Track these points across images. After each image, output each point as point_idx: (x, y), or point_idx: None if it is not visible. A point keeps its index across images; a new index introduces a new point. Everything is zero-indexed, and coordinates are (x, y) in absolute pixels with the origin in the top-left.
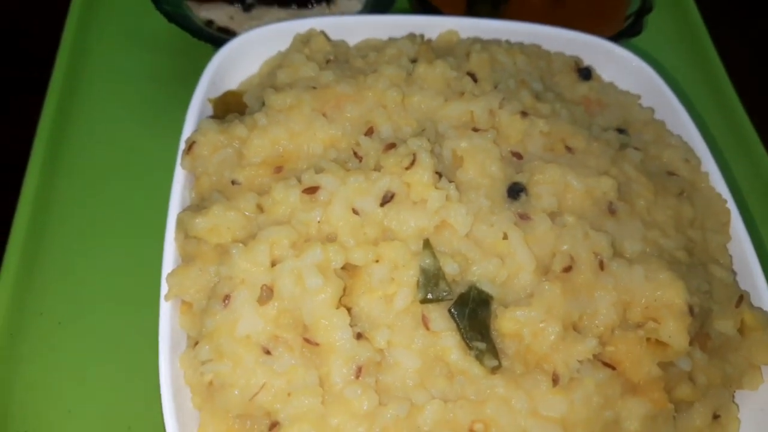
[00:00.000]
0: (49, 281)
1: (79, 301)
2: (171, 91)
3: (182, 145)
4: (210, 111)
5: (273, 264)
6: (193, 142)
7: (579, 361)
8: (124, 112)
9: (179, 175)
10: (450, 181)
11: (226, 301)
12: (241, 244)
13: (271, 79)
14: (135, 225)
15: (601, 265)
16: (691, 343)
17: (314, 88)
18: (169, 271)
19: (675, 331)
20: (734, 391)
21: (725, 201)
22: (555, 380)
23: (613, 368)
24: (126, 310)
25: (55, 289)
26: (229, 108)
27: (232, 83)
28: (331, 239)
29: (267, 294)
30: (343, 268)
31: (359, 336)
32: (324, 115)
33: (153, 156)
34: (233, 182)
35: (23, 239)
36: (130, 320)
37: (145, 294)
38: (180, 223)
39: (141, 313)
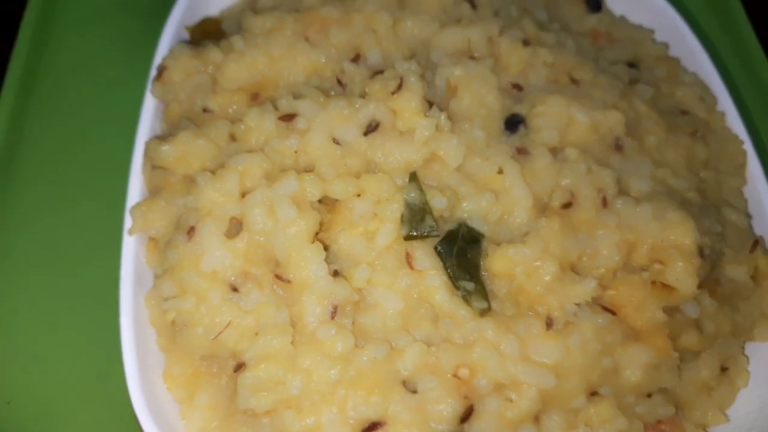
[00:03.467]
0: (17, 219)
1: (47, 239)
2: (148, 21)
3: (153, 72)
4: (188, 39)
5: (243, 195)
6: (164, 68)
7: (576, 305)
8: (97, 44)
9: (149, 103)
10: (441, 111)
11: (191, 233)
12: (209, 173)
13: (253, 4)
14: (104, 158)
15: (605, 203)
16: (699, 288)
17: (297, 10)
18: (134, 204)
19: (682, 274)
20: (744, 342)
21: (742, 142)
22: (549, 324)
23: (614, 313)
24: (94, 247)
25: (24, 229)
26: (208, 36)
27: (212, 10)
28: (308, 170)
29: (236, 227)
30: (321, 202)
31: (336, 274)
32: (307, 39)
33: (126, 88)
34: (205, 110)
35: None
36: (98, 259)
37: (113, 229)
38: (147, 153)
39: (109, 251)
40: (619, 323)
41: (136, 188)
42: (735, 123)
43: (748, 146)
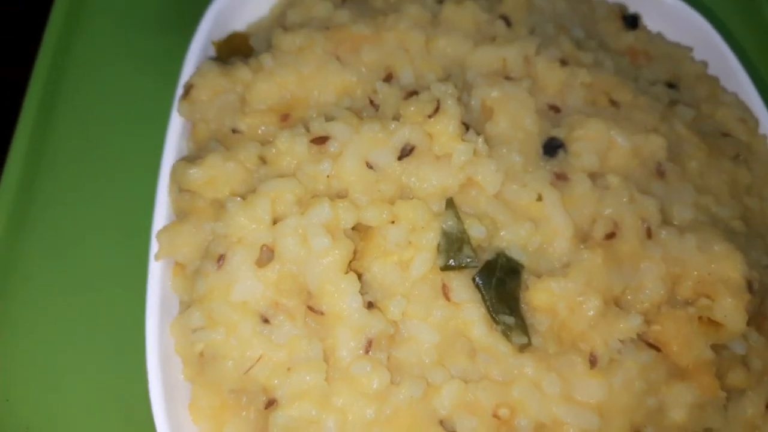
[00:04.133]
0: (38, 244)
1: (71, 261)
2: (174, 36)
3: (180, 90)
4: (214, 55)
5: (275, 222)
6: (191, 86)
7: (620, 341)
8: (123, 58)
9: (175, 123)
10: (478, 134)
11: (221, 262)
12: (239, 198)
13: (281, 20)
14: (129, 180)
15: (649, 233)
16: (747, 324)
17: (327, 28)
18: (160, 228)
19: (731, 310)
20: None
21: None
22: (592, 362)
23: (659, 349)
24: (118, 271)
25: (46, 254)
26: (235, 51)
27: (239, 24)
28: (341, 196)
29: (267, 255)
30: (354, 228)
31: (370, 305)
32: (338, 58)
33: (152, 105)
34: (234, 131)
35: (14, 193)
36: (122, 283)
37: (139, 253)
38: (174, 175)
39: (133, 276)
40: (663, 360)
41: (162, 211)
42: None
43: None
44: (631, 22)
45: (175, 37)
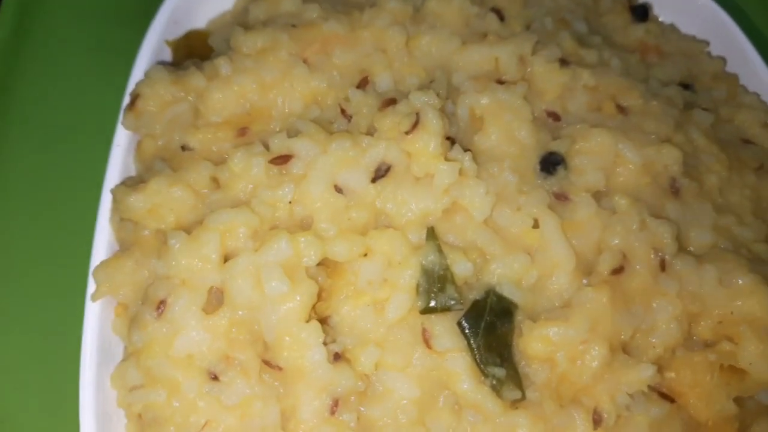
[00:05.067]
0: None
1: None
2: (132, 29)
3: (127, 99)
4: (170, 56)
5: (226, 259)
6: (138, 95)
7: (629, 394)
8: (76, 55)
9: (121, 138)
10: (465, 150)
11: (161, 308)
12: (183, 233)
13: (244, 17)
14: (70, 204)
15: (662, 265)
16: None
17: (294, 26)
18: (98, 263)
19: (757, 356)
20: None
21: None
22: (596, 420)
23: (673, 400)
24: (53, 313)
25: None
26: (193, 52)
27: (200, 21)
28: (305, 226)
29: (216, 299)
30: (320, 264)
31: (337, 357)
32: (305, 61)
33: (101, 112)
34: (184, 148)
35: None
36: (56, 327)
37: (76, 292)
38: (114, 203)
39: (72, 317)
40: (678, 413)
41: (103, 242)
42: None
43: None
44: (641, 13)
45: (133, 30)
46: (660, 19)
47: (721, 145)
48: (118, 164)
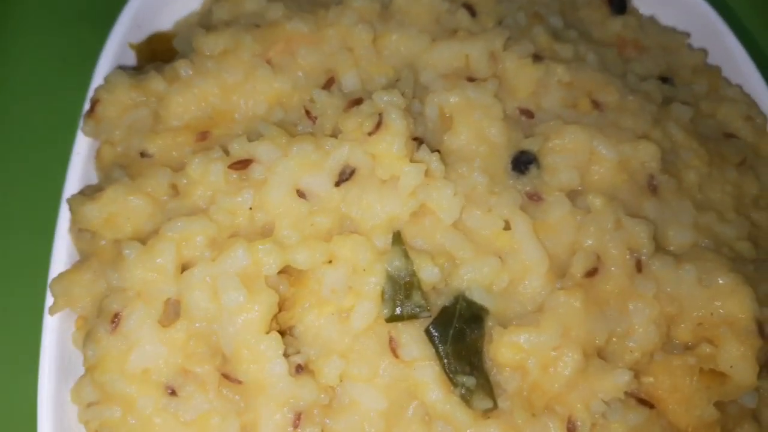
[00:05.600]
0: None
1: None
2: (87, 34)
3: (87, 105)
4: (134, 60)
5: (183, 269)
6: (97, 101)
7: (605, 402)
8: (38, 58)
9: (81, 144)
10: (433, 151)
11: (116, 322)
12: (138, 243)
13: (206, 18)
14: (27, 214)
15: (639, 266)
16: (759, 374)
17: (258, 26)
18: (56, 275)
19: (739, 359)
20: None
21: None
22: (571, 430)
23: (652, 406)
24: (9, 327)
25: None
26: (157, 56)
27: (166, 23)
28: (266, 233)
29: (173, 310)
30: (284, 272)
31: (300, 369)
32: (269, 62)
33: (62, 117)
34: (143, 154)
35: None
36: (19, 343)
37: (34, 305)
38: (72, 213)
39: (30, 331)
40: (657, 419)
41: (62, 253)
42: None
43: None
44: (619, 6)
45: (96, 32)
46: (639, 12)
47: (701, 140)
48: (77, 172)
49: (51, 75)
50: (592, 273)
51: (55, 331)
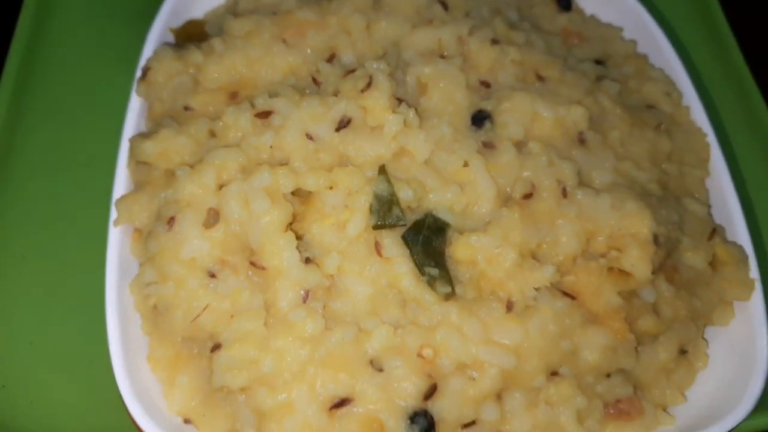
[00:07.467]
0: (11, 217)
1: (42, 235)
2: (134, 25)
3: (138, 73)
4: (173, 41)
5: (220, 187)
6: (149, 68)
7: (536, 289)
8: (87, 48)
9: (134, 102)
10: (410, 107)
11: (171, 224)
12: (187, 167)
13: (234, 8)
14: (94, 155)
15: (564, 193)
16: (655, 274)
17: (275, 14)
18: (119, 197)
19: (637, 260)
20: (704, 327)
21: (706, 135)
22: (509, 307)
23: (573, 297)
24: (84, 240)
25: (18, 225)
26: (191, 37)
27: (198, 12)
28: (283, 164)
29: (213, 217)
30: (295, 194)
31: (308, 261)
32: (284, 41)
33: (114, 88)
34: (186, 108)
35: None
36: (88, 251)
37: (102, 223)
38: (131, 149)
39: (99, 243)
40: (577, 307)
41: (121, 183)
42: (700, 116)
43: (712, 139)
44: (565, 4)
45: (136, 26)
46: (583, 10)
47: (625, 108)
48: (132, 123)
49: (108, 54)
50: (528, 196)
51: (117, 240)
